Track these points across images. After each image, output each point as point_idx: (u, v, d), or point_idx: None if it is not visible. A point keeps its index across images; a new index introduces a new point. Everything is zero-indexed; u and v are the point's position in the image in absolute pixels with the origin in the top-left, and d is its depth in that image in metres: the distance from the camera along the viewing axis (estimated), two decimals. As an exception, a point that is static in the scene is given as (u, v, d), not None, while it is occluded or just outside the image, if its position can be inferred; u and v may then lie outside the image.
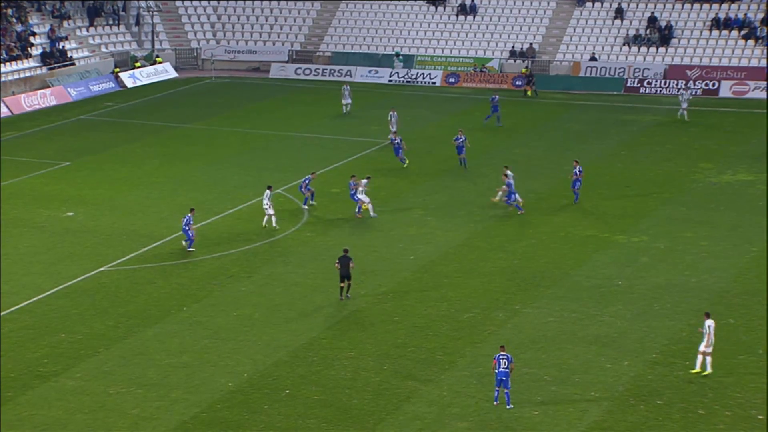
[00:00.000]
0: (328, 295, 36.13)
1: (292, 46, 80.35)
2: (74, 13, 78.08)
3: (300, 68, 76.93)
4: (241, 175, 50.89)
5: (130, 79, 73.47)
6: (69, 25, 76.83)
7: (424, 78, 74.45)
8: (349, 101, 63.07)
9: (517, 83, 71.13)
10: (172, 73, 76.64)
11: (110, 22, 79.30)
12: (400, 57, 75.59)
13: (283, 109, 66.37)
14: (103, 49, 76.81)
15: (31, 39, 72.48)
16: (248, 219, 44.16)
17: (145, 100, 69.04)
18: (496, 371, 28.59)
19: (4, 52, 69.24)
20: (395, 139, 51.65)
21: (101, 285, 37.09)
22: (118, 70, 73.97)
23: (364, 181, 44.35)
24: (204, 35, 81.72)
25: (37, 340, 32.48)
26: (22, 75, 69.09)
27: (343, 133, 59.24)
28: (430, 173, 50.52)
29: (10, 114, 64.07)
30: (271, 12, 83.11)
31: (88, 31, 77.48)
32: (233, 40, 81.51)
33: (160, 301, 35.54)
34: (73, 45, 74.98)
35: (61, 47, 73.05)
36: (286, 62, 78.42)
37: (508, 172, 45.38)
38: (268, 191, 42.78)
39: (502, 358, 28.59)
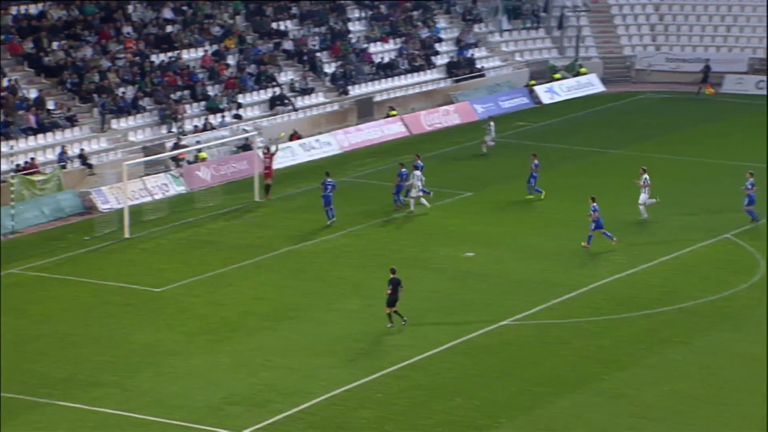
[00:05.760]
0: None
1: (753, 53, 78.42)
2: (487, 15, 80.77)
3: (762, 81, 74.99)
4: (677, 213, 50.28)
5: (547, 93, 75.02)
6: (480, 29, 79.81)
7: None
8: None
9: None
10: (599, 87, 77.41)
11: (528, 25, 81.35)
12: None
13: (735, 134, 64.94)
14: (518, 58, 79.03)
15: (436, 46, 76.06)
16: (688, 270, 43.52)
17: (563, 120, 70.18)
18: None
19: (405, 61, 73.21)
20: None
21: (504, 342, 38.04)
22: (533, 82, 75.76)
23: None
24: (640, 40, 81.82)
25: (430, 403, 33.62)
26: (423, 88, 72.62)
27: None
28: None
29: (407, 134, 67.48)
30: (729, 10, 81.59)
31: (501, 36, 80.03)
32: (677, 45, 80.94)
33: (575, 366, 35.84)
34: (483, 53, 77.79)
35: (469, 55, 76.00)
36: (745, 73, 76.72)
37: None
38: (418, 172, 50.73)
39: None
